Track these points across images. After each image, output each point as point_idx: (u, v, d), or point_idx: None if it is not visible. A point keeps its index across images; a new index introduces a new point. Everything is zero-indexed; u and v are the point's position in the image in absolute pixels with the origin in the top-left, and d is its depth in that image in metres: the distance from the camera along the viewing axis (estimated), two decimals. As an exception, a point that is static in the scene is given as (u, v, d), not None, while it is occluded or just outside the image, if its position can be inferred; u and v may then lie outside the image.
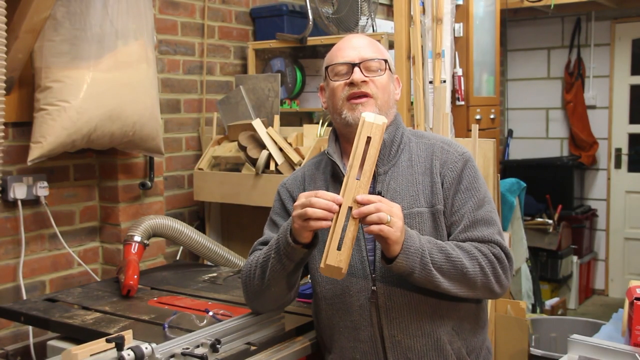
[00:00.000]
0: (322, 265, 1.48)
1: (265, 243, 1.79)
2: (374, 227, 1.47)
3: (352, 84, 1.69)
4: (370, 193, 1.69)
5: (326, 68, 1.76)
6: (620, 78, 5.54)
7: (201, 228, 3.13)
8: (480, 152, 2.67)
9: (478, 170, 1.75)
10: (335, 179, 1.76)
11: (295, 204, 1.56)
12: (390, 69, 1.76)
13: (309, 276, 2.10)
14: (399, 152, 1.75)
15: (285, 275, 1.67)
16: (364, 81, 1.69)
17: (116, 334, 1.56)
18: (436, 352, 1.66)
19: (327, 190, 1.75)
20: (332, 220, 1.49)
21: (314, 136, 2.78)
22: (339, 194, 1.59)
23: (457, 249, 1.60)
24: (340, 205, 1.49)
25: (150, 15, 2.55)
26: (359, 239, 1.68)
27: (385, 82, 1.73)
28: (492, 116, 3.84)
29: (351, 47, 1.73)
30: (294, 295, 1.79)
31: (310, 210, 1.50)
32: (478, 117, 3.61)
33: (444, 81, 2.96)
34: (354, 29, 3.30)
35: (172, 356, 1.58)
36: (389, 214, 1.48)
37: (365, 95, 1.69)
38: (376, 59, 1.72)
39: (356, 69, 1.70)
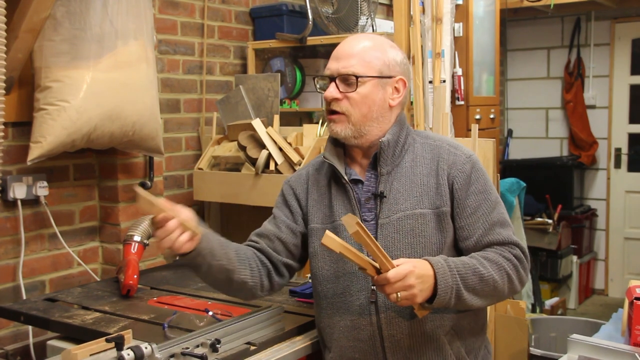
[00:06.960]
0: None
1: (259, 234, 1.82)
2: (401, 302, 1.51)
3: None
4: (372, 193, 1.71)
5: None
6: (620, 78, 5.54)
7: (201, 228, 3.12)
8: (480, 152, 2.67)
9: (485, 172, 1.75)
10: (336, 182, 1.77)
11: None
12: (380, 76, 1.68)
13: (308, 275, 2.10)
14: (403, 153, 1.74)
15: (204, 275, 1.68)
16: (336, 98, 1.67)
17: (116, 334, 1.56)
18: (435, 352, 1.66)
19: (330, 193, 1.77)
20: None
21: (314, 136, 2.77)
22: (340, 197, 1.61)
23: (486, 263, 1.61)
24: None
25: (150, 15, 2.55)
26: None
27: (361, 98, 1.66)
28: (491, 116, 3.84)
29: (336, 57, 1.70)
30: (259, 285, 1.74)
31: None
32: (478, 117, 3.60)
33: (444, 81, 2.95)
34: (354, 28, 3.30)
35: (172, 356, 1.58)
36: (399, 290, 1.47)
37: (337, 112, 1.68)
38: (352, 75, 1.65)
39: (331, 85, 1.68)
